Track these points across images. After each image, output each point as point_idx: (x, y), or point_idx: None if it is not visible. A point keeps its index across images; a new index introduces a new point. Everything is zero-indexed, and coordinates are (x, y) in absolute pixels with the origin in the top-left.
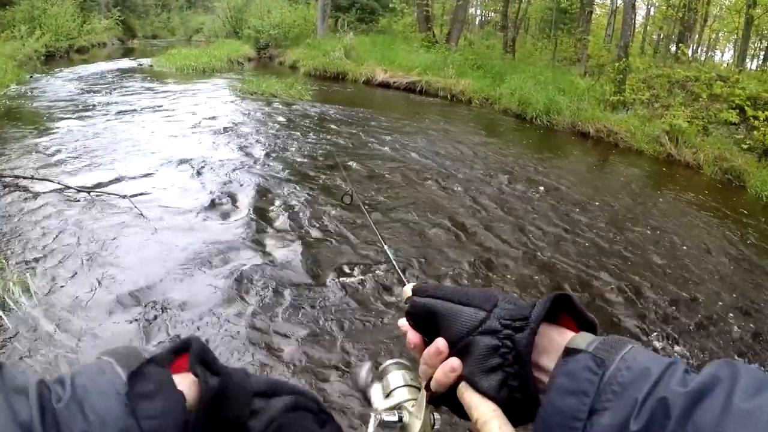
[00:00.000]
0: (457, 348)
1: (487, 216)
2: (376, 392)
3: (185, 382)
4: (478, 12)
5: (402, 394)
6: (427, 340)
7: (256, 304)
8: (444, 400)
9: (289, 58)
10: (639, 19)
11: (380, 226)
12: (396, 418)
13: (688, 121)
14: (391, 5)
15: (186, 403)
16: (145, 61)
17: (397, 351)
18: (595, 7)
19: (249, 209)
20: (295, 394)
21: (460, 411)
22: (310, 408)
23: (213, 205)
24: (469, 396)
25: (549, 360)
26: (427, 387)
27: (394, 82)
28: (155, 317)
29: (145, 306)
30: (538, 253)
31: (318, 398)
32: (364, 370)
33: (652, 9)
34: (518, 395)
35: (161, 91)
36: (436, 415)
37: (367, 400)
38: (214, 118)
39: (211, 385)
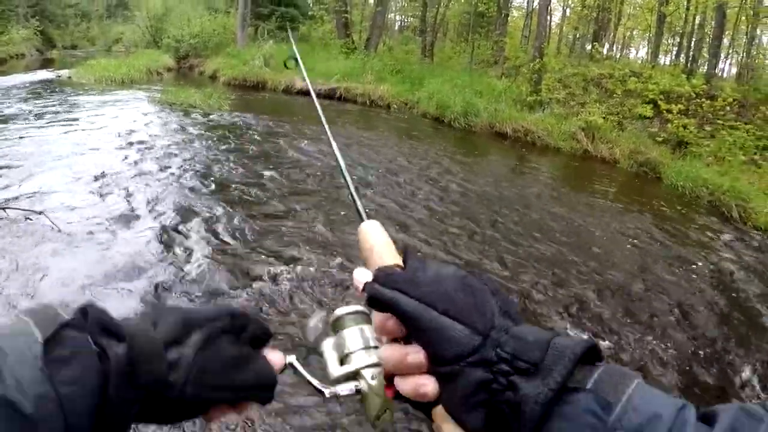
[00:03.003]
0: (439, 372)
1: (405, 217)
2: (329, 352)
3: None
4: (397, 17)
5: (361, 360)
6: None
7: None
8: (407, 399)
9: (209, 67)
10: (555, 20)
11: (301, 237)
12: (353, 391)
13: (604, 117)
14: (310, 13)
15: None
16: (64, 73)
17: None
18: (512, 9)
19: (166, 221)
20: (207, 323)
21: (421, 406)
22: (227, 329)
23: (130, 218)
24: (447, 429)
25: None
26: (389, 384)
27: (313, 90)
28: None
29: None
30: (455, 251)
31: (233, 310)
32: (315, 321)
33: (568, 10)
34: (497, 428)
35: (79, 103)
36: None
37: (320, 356)
38: (131, 130)
39: (119, 355)
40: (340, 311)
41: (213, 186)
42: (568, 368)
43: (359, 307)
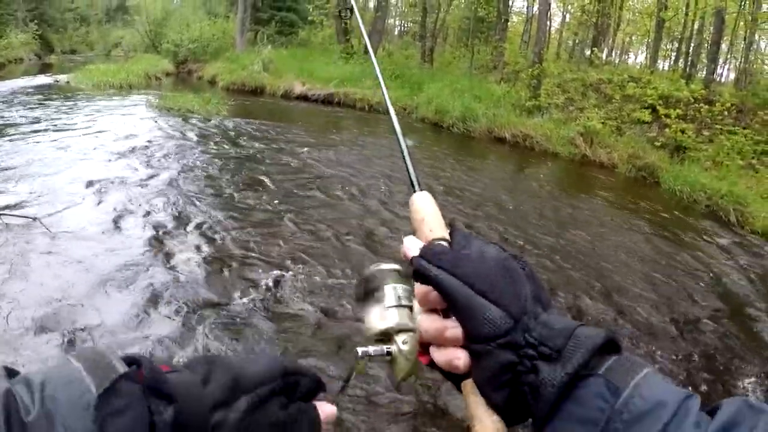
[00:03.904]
0: (471, 349)
1: (402, 225)
2: (369, 309)
3: None
4: (397, 23)
5: (394, 318)
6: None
7: (177, 320)
8: (439, 368)
9: (207, 72)
10: (555, 25)
11: (297, 243)
12: (384, 352)
13: (602, 122)
14: (310, 18)
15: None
16: (62, 78)
17: None
18: (512, 15)
19: (162, 227)
20: (257, 386)
21: (452, 377)
22: (277, 391)
23: (126, 224)
24: (473, 402)
25: None
26: (422, 351)
27: (312, 95)
28: (73, 341)
29: (62, 330)
30: None
31: (286, 367)
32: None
33: (568, 15)
34: (518, 406)
35: (77, 108)
36: None
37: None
38: (128, 135)
39: (166, 419)
40: (378, 266)
41: (210, 192)
42: (585, 357)
43: (395, 266)
